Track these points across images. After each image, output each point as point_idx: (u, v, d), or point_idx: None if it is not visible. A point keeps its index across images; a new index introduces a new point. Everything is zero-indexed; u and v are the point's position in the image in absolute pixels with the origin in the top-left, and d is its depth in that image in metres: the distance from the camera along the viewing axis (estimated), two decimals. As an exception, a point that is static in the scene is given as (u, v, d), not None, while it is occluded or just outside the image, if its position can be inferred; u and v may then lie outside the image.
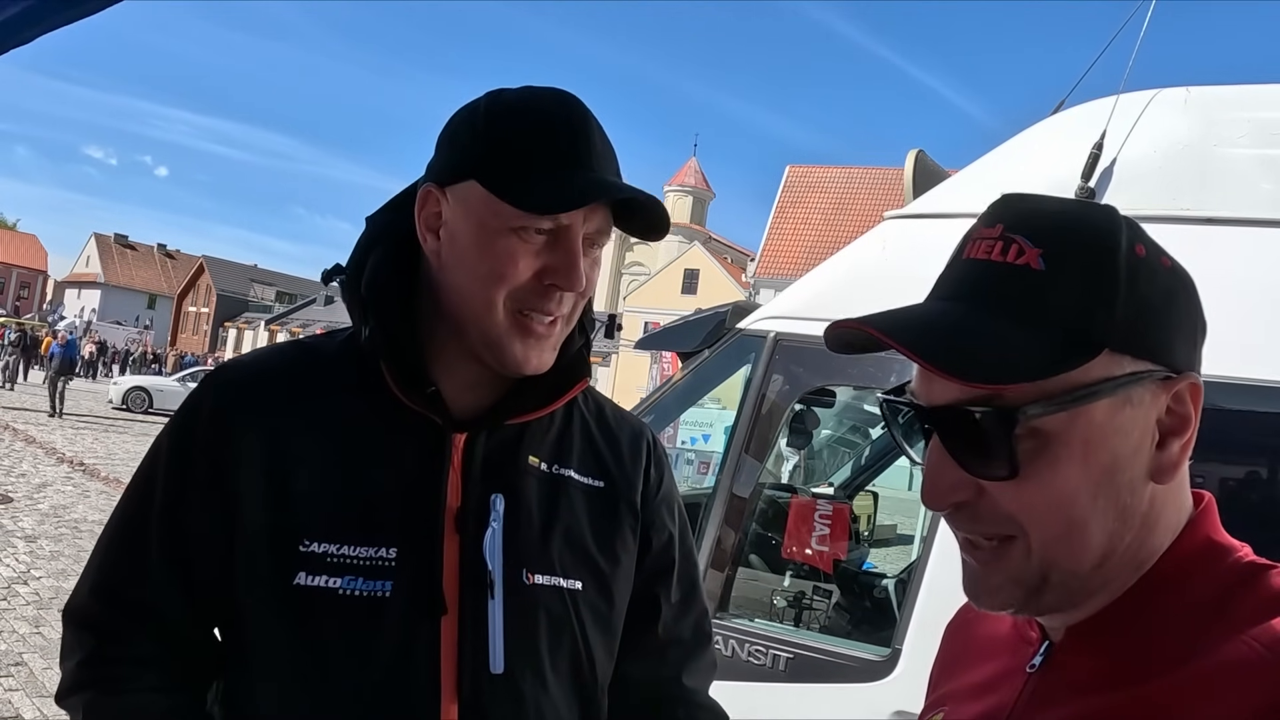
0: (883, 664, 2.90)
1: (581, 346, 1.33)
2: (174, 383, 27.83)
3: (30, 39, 1.58)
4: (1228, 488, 2.71)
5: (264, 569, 1.16)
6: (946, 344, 0.80)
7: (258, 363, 1.33)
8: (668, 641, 1.39)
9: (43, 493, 11.81)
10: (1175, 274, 0.83)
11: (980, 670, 0.99)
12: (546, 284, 1.17)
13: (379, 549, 1.16)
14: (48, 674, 5.87)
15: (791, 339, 3.28)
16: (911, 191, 3.64)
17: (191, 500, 1.20)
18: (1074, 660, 0.87)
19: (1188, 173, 2.91)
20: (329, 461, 1.19)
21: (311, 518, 1.16)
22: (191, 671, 1.23)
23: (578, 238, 1.18)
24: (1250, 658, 0.74)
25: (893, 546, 9.23)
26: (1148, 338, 0.80)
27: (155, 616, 1.20)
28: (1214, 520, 0.87)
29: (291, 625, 1.15)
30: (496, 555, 1.19)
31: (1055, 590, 0.83)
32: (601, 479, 1.34)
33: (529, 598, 1.21)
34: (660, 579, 1.39)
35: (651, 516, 1.38)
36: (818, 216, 46.06)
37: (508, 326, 1.18)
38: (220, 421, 1.21)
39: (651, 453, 1.41)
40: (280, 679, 1.17)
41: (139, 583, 1.20)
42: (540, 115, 1.20)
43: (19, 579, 7.87)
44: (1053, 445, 0.79)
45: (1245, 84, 3.08)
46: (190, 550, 1.20)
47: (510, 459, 1.26)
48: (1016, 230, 0.82)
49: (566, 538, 1.27)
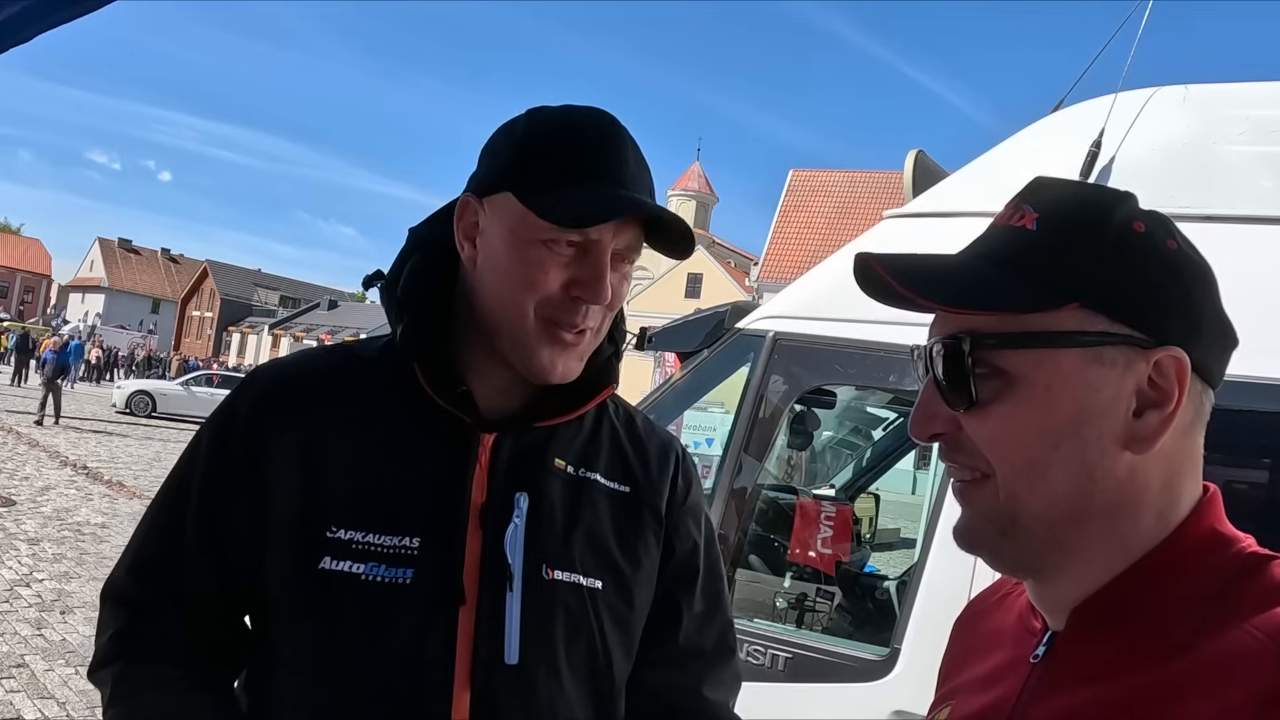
0: (881, 663, 2.89)
1: (611, 355, 1.37)
2: (177, 387, 27.89)
3: (30, 37, 1.59)
4: (1227, 485, 2.70)
5: (291, 552, 1.20)
6: (925, 275, 0.89)
7: (296, 363, 1.39)
8: (689, 652, 1.39)
9: (46, 496, 11.82)
10: (1181, 258, 0.85)
11: (986, 663, 1.00)
12: (573, 296, 1.21)
13: (403, 538, 1.20)
14: (49, 676, 5.88)
15: (791, 338, 3.28)
16: (911, 191, 3.65)
17: (226, 488, 1.25)
18: (1076, 649, 0.87)
19: (1186, 170, 2.91)
20: (359, 455, 1.24)
21: (339, 506, 1.21)
22: (219, 651, 1.28)
23: (606, 252, 1.21)
24: (1252, 646, 0.74)
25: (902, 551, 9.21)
26: (1130, 303, 0.83)
27: (186, 596, 1.26)
28: (1218, 511, 0.87)
29: (314, 606, 1.19)
30: (517, 550, 1.23)
31: (1024, 537, 0.86)
32: (627, 484, 1.36)
33: (548, 593, 1.24)
34: (682, 587, 1.39)
35: (676, 524, 1.39)
36: (821, 220, 46.03)
37: (537, 334, 1.22)
38: (257, 415, 1.27)
39: (680, 463, 1.43)
40: (300, 659, 1.21)
41: (173, 564, 1.26)
42: (574, 131, 1.24)
43: (21, 581, 7.88)
44: (1018, 384, 0.84)
45: (1243, 81, 3.08)
46: (223, 535, 1.25)
47: (537, 460, 1.30)
48: (1026, 200, 0.89)
49: (588, 538, 1.29)
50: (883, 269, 0.88)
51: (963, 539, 0.91)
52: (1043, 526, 0.85)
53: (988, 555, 0.90)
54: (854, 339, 3.11)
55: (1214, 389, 0.88)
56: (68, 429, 20.09)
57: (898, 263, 0.90)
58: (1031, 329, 0.83)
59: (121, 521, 10.95)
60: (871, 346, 3.07)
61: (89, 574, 8.45)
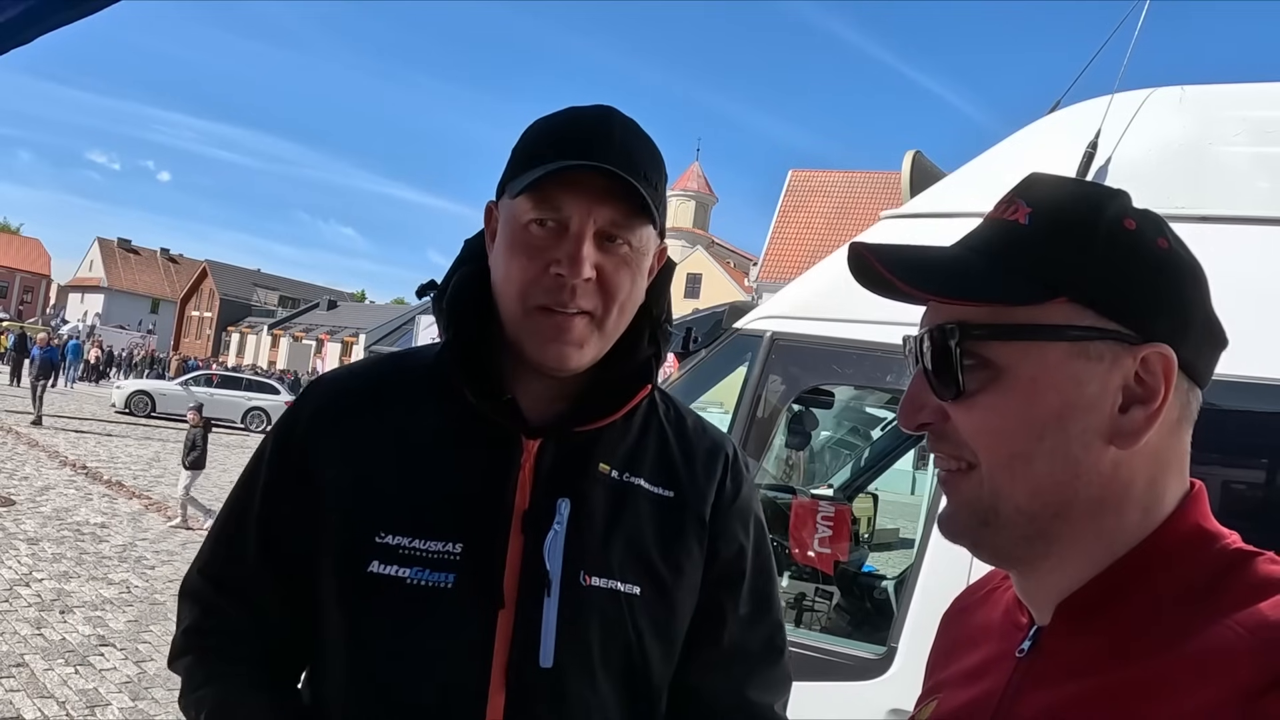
0: (878, 662, 2.90)
1: (651, 357, 1.37)
2: (176, 387, 27.84)
3: (31, 38, 1.59)
4: (1221, 485, 2.71)
5: (342, 557, 1.25)
6: (916, 266, 0.90)
7: (351, 373, 1.43)
8: (734, 654, 1.39)
9: (45, 496, 11.83)
10: (1171, 256, 0.86)
11: (972, 657, 1.00)
12: (555, 274, 1.21)
13: (446, 544, 1.23)
14: (49, 675, 5.89)
15: (788, 338, 3.29)
16: (909, 191, 3.65)
17: (285, 494, 1.32)
18: (1061, 644, 0.88)
19: (1183, 171, 2.91)
20: (407, 464, 1.28)
21: (388, 513, 1.24)
22: (279, 647, 1.34)
23: (581, 227, 1.21)
24: (1235, 641, 0.74)
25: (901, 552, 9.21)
26: (1118, 299, 0.83)
27: (249, 595, 1.33)
28: (1204, 507, 0.88)
29: (361, 609, 1.24)
30: (556, 556, 1.24)
31: (1006, 527, 0.87)
32: (671, 488, 1.36)
33: (584, 598, 1.25)
34: (727, 590, 1.39)
35: (721, 527, 1.38)
36: (820, 220, 45.99)
37: (531, 320, 1.24)
38: (313, 424, 1.33)
39: (729, 466, 1.42)
40: (350, 661, 1.25)
41: (237, 564, 1.34)
42: (560, 120, 1.27)
43: (21, 581, 7.89)
44: (1004, 376, 0.85)
45: (1240, 83, 3.09)
46: (281, 539, 1.31)
47: (580, 466, 1.31)
48: (1020, 195, 0.90)
49: (628, 543, 1.30)
50: (876, 259, 0.89)
51: (946, 527, 0.92)
52: (1024, 518, 0.86)
53: (969, 544, 0.91)
54: (851, 339, 3.12)
55: (1202, 388, 0.88)
56: (67, 429, 20.09)
57: (891, 253, 0.91)
58: (1019, 321, 0.84)
59: (121, 521, 10.95)
60: (869, 346, 3.08)
61: (88, 574, 8.46)
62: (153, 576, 8.75)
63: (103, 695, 5.72)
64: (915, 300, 0.92)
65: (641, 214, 1.22)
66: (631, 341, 1.34)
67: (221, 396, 27.40)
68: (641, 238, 1.26)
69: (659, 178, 1.28)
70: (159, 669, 6.28)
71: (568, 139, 1.23)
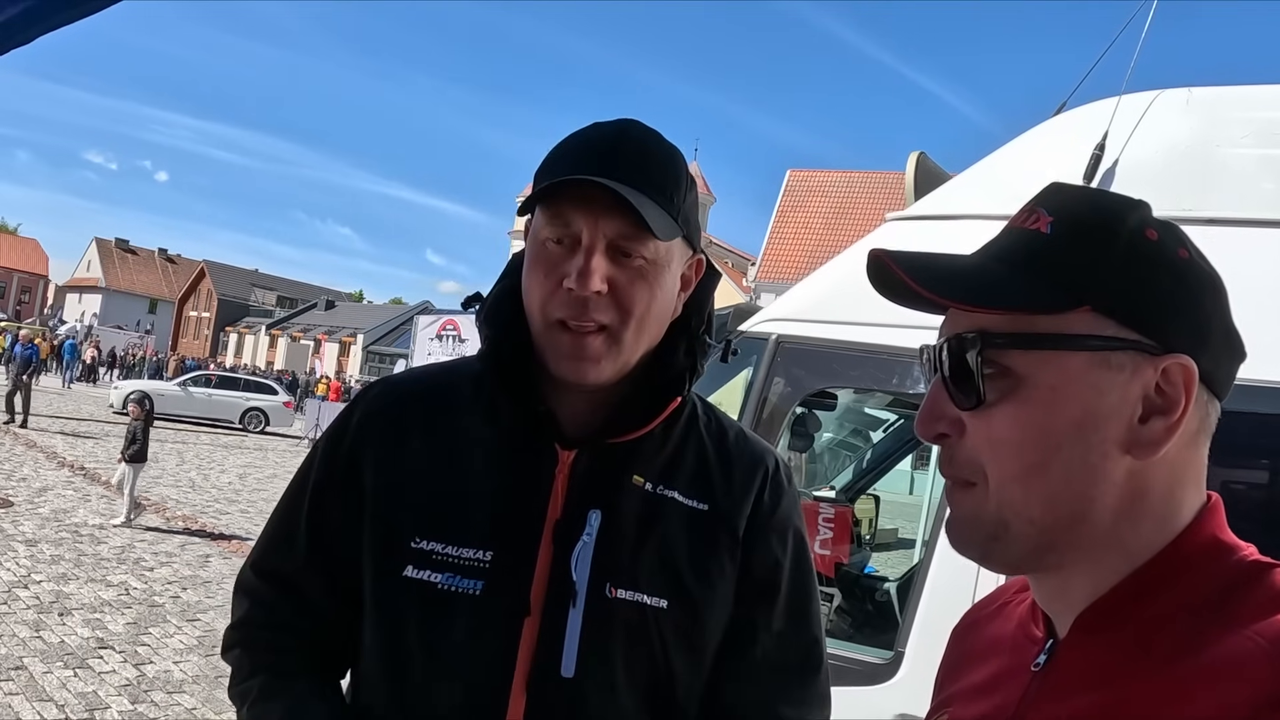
0: (886, 667, 2.89)
1: (687, 370, 1.37)
2: (175, 387, 27.81)
3: (32, 38, 1.58)
4: (1231, 489, 2.70)
5: (381, 560, 1.30)
6: (939, 274, 0.89)
7: (406, 381, 1.47)
8: (768, 669, 1.37)
9: (43, 497, 11.82)
10: (1192, 267, 0.86)
11: (984, 670, 1.00)
12: (566, 288, 1.22)
13: (477, 551, 1.26)
14: (48, 678, 5.87)
15: (793, 341, 3.28)
16: (913, 194, 3.65)
17: (333, 494, 1.37)
18: (1077, 656, 0.87)
19: (1190, 174, 2.91)
20: (445, 472, 1.31)
21: (424, 519, 1.28)
22: (326, 642, 1.38)
23: (591, 241, 1.22)
24: (1252, 651, 0.74)
25: (894, 550, 9.22)
26: (1138, 309, 0.83)
27: (298, 590, 1.38)
28: (1220, 519, 0.87)
29: (395, 611, 1.28)
30: (584, 567, 1.26)
31: (1018, 541, 0.86)
32: (706, 502, 1.36)
33: (609, 610, 1.26)
34: (761, 605, 1.38)
35: (755, 542, 1.37)
36: (819, 220, 46.03)
37: (550, 335, 1.26)
38: (362, 430, 1.38)
39: (769, 479, 1.41)
40: (383, 660, 1.30)
41: (286, 561, 1.39)
42: (579, 136, 1.30)
43: (19, 583, 7.87)
44: (1025, 385, 0.84)
45: (1247, 85, 3.08)
46: (329, 539, 1.36)
47: (614, 477, 1.32)
48: (1041, 204, 0.90)
49: (658, 556, 1.30)
50: (897, 266, 0.88)
51: (954, 538, 0.92)
52: (1037, 530, 0.85)
53: (977, 556, 0.91)
54: (856, 342, 3.11)
55: (1220, 400, 0.87)
56: (65, 430, 20.06)
57: (913, 261, 0.90)
58: (1041, 330, 0.84)
59: (120, 523, 10.93)
60: (874, 349, 3.07)
61: (87, 575, 8.44)
62: (151, 579, 8.73)
63: (102, 698, 5.70)
64: (935, 308, 0.91)
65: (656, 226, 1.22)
66: (667, 354, 1.35)
67: (220, 397, 27.40)
68: (656, 250, 1.25)
69: (677, 189, 1.28)
70: (158, 671, 6.27)
71: (582, 155, 1.24)
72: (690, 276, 1.37)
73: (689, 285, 1.37)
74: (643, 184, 1.23)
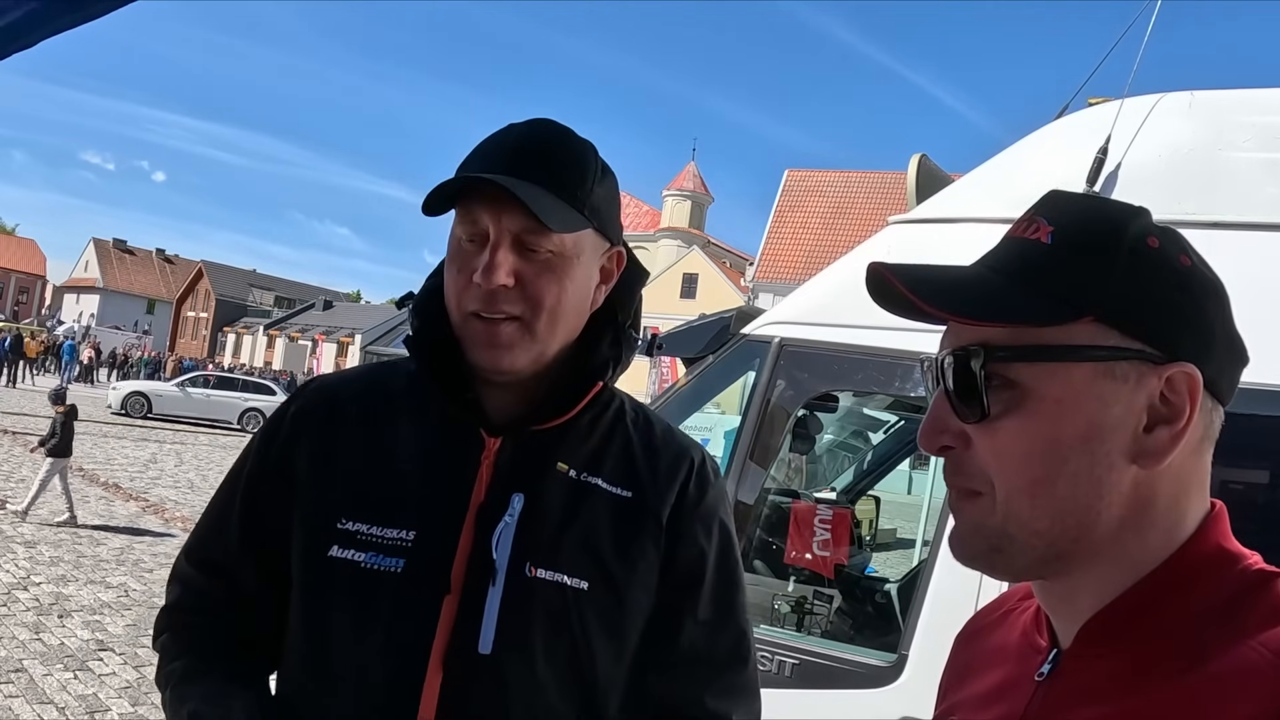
0: (889, 669, 2.89)
1: (610, 359, 1.41)
2: (173, 388, 27.79)
3: (34, 42, 1.58)
4: (1233, 492, 2.70)
5: (309, 541, 1.33)
6: (938, 287, 0.88)
7: (338, 378, 1.52)
8: (693, 659, 1.39)
9: (42, 498, 11.77)
10: (1194, 274, 0.85)
11: (988, 679, 0.99)
12: (474, 281, 1.26)
13: (401, 531, 1.29)
14: (47, 680, 5.87)
15: (797, 344, 3.28)
16: (915, 196, 3.65)
17: (265, 482, 1.40)
18: (1082, 666, 0.87)
19: (1193, 177, 2.91)
20: (375, 457, 1.35)
21: (352, 501, 1.32)
22: (255, 628, 1.40)
23: (497, 236, 1.26)
24: (1258, 663, 0.73)
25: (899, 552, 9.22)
26: (1143, 318, 0.83)
27: (229, 577, 1.41)
28: (1224, 527, 0.87)
29: (320, 591, 1.31)
30: (505, 547, 1.29)
31: (1023, 552, 0.86)
32: (630, 489, 1.38)
33: (528, 589, 1.28)
34: (685, 595, 1.39)
35: (681, 530, 1.39)
36: (816, 220, 46.11)
37: (466, 327, 1.30)
38: (295, 423, 1.42)
39: (695, 471, 1.44)
40: (307, 639, 1.33)
41: (219, 549, 1.43)
42: (491, 139, 1.34)
43: (19, 585, 7.86)
44: (1030, 398, 0.84)
45: (1250, 88, 3.08)
46: (260, 526, 1.39)
47: (538, 463, 1.35)
48: (1041, 213, 0.89)
49: (580, 540, 1.33)
50: (897, 280, 0.87)
51: (957, 550, 0.91)
52: (1042, 542, 0.85)
53: (983, 567, 0.90)
54: (860, 344, 3.11)
55: (1224, 406, 0.87)
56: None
57: (912, 274, 0.89)
58: (1045, 342, 0.83)
59: (118, 524, 10.93)
60: (877, 352, 3.07)
61: (86, 577, 8.44)
62: (151, 580, 8.72)
63: (102, 701, 5.70)
64: (936, 320, 0.91)
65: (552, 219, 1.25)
66: (591, 344, 1.40)
67: (218, 397, 27.39)
68: (561, 243, 1.28)
69: (581, 183, 1.32)
70: (158, 674, 6.25)
71: (490, 155, 1.30)
72: (611, 269, 1.40)
73: (610, 277, 1.41)
74: (543, 179, 1.27)
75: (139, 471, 15.56)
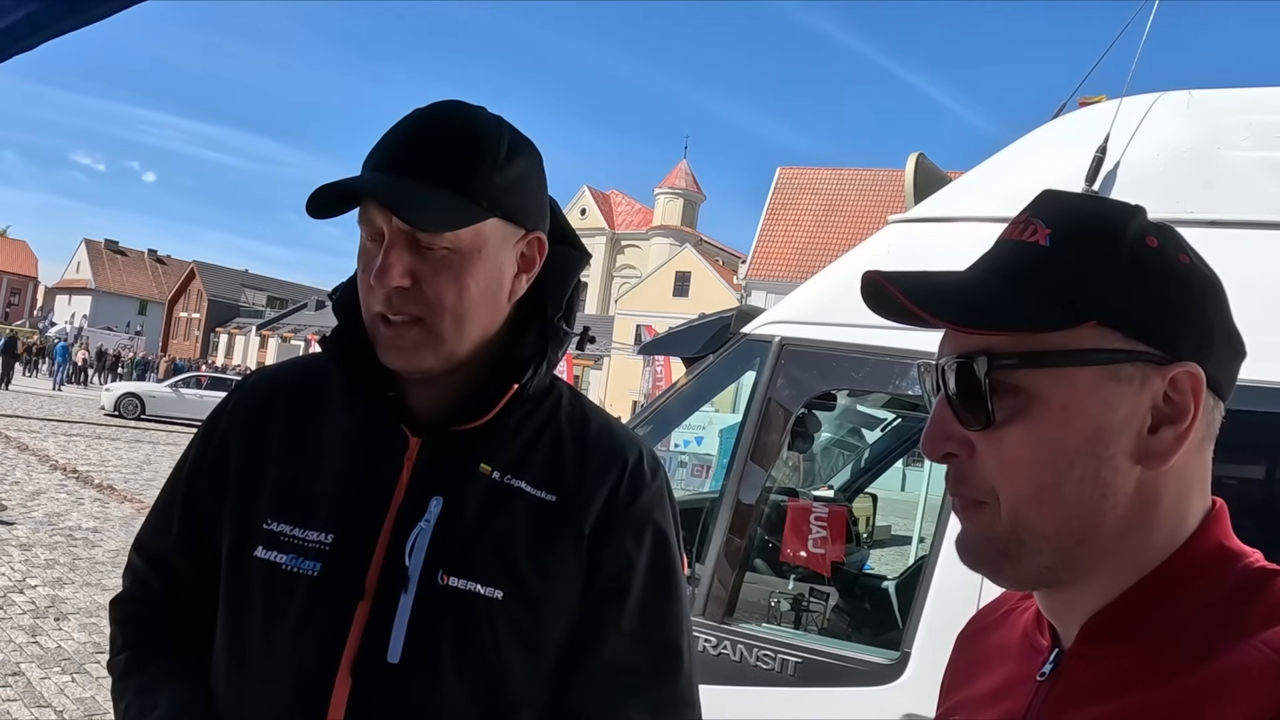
0: (892, 667, 2.90)
1: (534, 357, 1.33)
2: (166, 389, 27.76)
3: (34, 45, 1.58)
4: (1231, 489, 2.71)
5: (237, 540, 1.33)
6: (937, 294, 0.87)
7: (278, 371, 1.51)
8: (615, 670, 1.32)
9: (36, 501, 11.75)
10: (1193, 272, 0.85)
11: (990, 679, 0.99)
12: (371, 284, 1.24)
13: (320, 534, 1.28)
14: (45, 684, 5.85)
15: (797, 344, 3.28)
16: (913, 195, 3.65)
17: (204, 479, 1.40)
18: (1083, 666, 0.87)
19: (1191, 176, 2.92)
20: (301, 456, 1.34)
21: (277, 501, 1.31)
22: (195, 622, 1.39)
23: (391, 239, 1.22)
24: (1260, 662, 0.74)
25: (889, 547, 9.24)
26: (1144, 320, 0.83)
27: (170, 570, 1.43)
28: (1225, 525, 0.87)
29: (241, 590, 1.31)
30: (419, 554, 1.26)
31: (1031, 557, 0.86)
32: (554, 493, 1.32)
33: (440, 597, 1.25)
34: (609, 603, 1.32)
35: (606, 538, 1.32)
36: (809, 218, 46.19)
37: (374, 329, 1.27)
38: (233, 417, 1.42)
39: (626, 473, 1.36)
40: (227, 638, 1.33)
41: (162, 541, 1.44)
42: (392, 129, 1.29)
43: (14, 588, 7.83)
44: (1035, 404, 0.83)
45: (1247, 87, 3.10)
46: (198, 520, 1.40)
47: (460, 465, 1.31)
48: (1037, 215, 0.88)
49: (496, 546, 1.28)
50: (894, 288, 0.87)
51: (965, 555, 0.91)
52: (1050, 546, 0.85)
53: (989, 573, 0.90)
54: (860, 344, 3.11)
55: (1224, 402, 0.87)
56: (57, 432, 19.99)
57: (909, 281, 0.88)
58: (1050, 347, 0.83)
59: (113, 525, 10.90)
60: (878, 351, 3.07)
61: (82, 579, 8.41)
62: (147, 582, 8.68)
63: (100, 704, 5.68)
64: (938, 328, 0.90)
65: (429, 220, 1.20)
66: (514, 341, 1.34)
67: (211, 398, 27.28)
68: (456, 239, 1.22)
69: (475, 173, 1.24)
70: (156, 676, 6.24)
71: (384, 148, 1.26)
72: (532, 255, 1.33)
73: (531, 265, 1.33)
74: (432, 172, 1.22)
75: (133, 473, 15.51)
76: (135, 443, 20.40)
